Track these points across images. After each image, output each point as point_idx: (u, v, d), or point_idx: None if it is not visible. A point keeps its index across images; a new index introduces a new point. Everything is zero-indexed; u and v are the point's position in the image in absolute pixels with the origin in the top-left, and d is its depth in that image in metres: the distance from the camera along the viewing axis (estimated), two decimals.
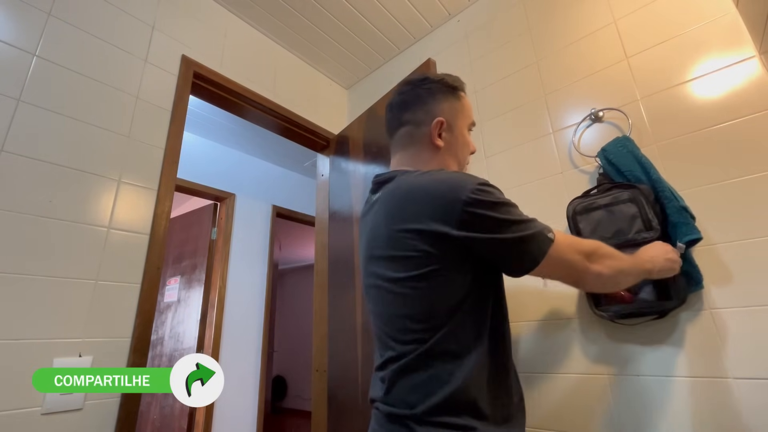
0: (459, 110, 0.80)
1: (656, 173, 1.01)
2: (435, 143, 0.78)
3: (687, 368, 0.95)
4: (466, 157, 0.83)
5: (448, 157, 0.79)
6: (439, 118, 0.78)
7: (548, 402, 1.15)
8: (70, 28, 1.19)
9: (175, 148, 1.34)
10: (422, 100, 0.80)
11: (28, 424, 0.90)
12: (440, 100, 0.79)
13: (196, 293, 2.61)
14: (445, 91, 0.80)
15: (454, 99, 0.80)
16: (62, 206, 1.06)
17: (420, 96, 0.80)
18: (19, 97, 1.04)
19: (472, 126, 0.84)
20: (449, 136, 0.79)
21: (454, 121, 0.79)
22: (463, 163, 0.82)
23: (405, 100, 0.82)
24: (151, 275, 1.18)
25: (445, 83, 0.80)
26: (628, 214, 0.96)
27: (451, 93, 0.80)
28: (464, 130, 0.81)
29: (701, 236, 0.92)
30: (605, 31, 1.27)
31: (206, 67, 1.54)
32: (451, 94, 0.80)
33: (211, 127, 2.77)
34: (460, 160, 0.81)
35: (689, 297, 0.96)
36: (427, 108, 0.79)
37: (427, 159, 0.79)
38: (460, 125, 0.80)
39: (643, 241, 0.87)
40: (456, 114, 0.80)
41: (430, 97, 0.79)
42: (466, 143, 0.82)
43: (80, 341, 1.02)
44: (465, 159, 0.83)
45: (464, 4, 1.73)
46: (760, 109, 0.96)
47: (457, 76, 0.83)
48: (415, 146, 0.80)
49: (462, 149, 0.81)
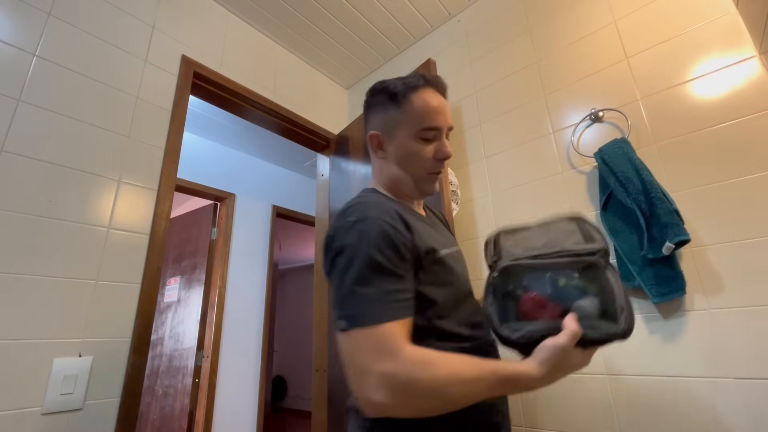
0: (400, 119, 0.71)
1: (649, 175, 1.02)
2: (377, 156, 0.77)
3: (687, 368, 0.95)
4: (421, 167, 0.72)
5: (394, 170, 0.74)
6: (370, 133, 0.75)
7: (548, 402, 1.15)
8: (70, 28, 1.19)
9: (175, 148, 1.34)
10: (365, 113, 0.79)
11: (28, 424, 0.90)
12: (376, 112, 0.76)
13: (196, 293, 2.61)
14: (383, 102, 0.74)
15: (394, 108, 0.72)
16: (62, 206, 1.06)
17: (365, 108, 0.79)
18: (19, 97, 1.04)
19: (429, 131, 0.71)
20: (392, 148, 0.74)
21: (394, 132, 0.72)
22: (418, 173, 0.73)
23: (363, 111, 0.81)
24: (151, 275, 1.18)
25: (386, 92, 0.73)
26: (565, 229, 0.71)
27: (391, 102, 0.72)
28: (409, 140, 0.71)
29: (689, 238, 0.93)
30: (605, 31, 1.27)
31: (206, 67, 1.54)
32: (391, 104, 0.72)
33: (211, 127, 2.77)
34: (412, 171, 0.73)
35: (679, 300, 0.98)
36: (367, 121, 0.78)
37: (377, 172, 0.78)
38: (401, 135, 0.72)
39: (583, 253, 0.61)
40: (396, 124, 0.72)
41: (368, 109, 0.78)
42: (413, 153, 0.71)
43: (80, 341, 1.02)
44: (420, 169, 0.73)
45: (464, 4, 1.73)
46: (760, 109, 0.96)
47: (422, 74, 0.74)
48: (372, 160, 0.80)
49: (410, 160, 0.72)
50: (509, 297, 0.63)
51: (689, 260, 0.99)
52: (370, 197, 0.70)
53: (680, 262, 0.99)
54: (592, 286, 0.59)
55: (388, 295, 0.54)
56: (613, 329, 0.53)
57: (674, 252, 0.97)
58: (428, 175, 0.73)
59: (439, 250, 0.66)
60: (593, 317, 0.55)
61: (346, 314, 0.53)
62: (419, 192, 0.75)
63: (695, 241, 0.99)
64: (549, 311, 0.59)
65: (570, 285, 0.59)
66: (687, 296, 0.98)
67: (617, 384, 1.04)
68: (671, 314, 0.99)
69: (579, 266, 0.61)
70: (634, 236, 1.05)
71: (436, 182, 0.75)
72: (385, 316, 0.52)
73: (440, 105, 0.72)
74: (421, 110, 0.71)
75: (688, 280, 0.97)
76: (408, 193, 0.75)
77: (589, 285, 0.59)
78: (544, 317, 0.58)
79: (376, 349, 0.50)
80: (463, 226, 1.48)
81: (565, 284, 0.60)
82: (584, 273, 0.60)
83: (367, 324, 0.51)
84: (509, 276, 0.64)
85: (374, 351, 0.50)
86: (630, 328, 0.53)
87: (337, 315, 0.54)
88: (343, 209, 0.65)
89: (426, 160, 0.72)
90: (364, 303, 0.53)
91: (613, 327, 0.53)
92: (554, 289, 0.60)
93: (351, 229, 0.59)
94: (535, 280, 0.63)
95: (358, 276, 0.55)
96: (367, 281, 0.54)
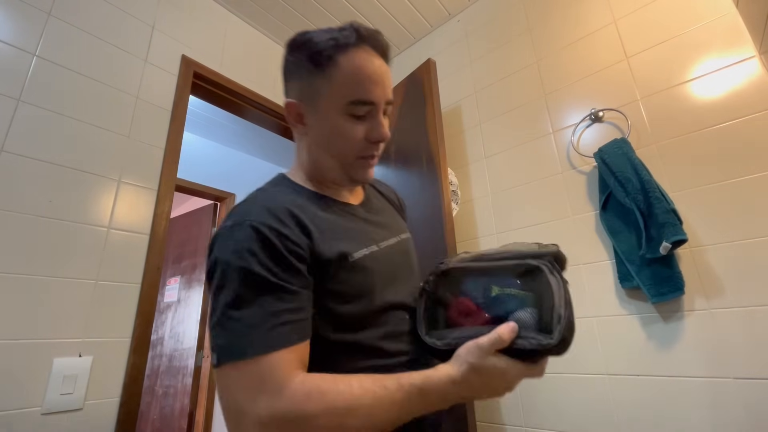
0: (323, 88, 0.55)
1: (647, 175, 1.02)
2: (296, 131, 0.62)
3: (687, 368, 0.95)
4: (349, 150, 0.58)
5: (316, 151, 0.60)
6: (287, 102, 0.59)
7: (548, 402, 1.15)
8: (70, 28, 1.19)
9: (175, 148, 1.34)
10: (283, 75, 0.62)
11: (28, 424, 0.90)
12: (294, 75, 0.59)
13: (196, 293, 2.61)
14: (305, 65, 0.56)
15: (316, 72, 0.55)
16: (62, 206, 1.06)
17: (283, 69, 0.62)
18: (19, 97, 1.04)
19: (361, 106, 0.55)
20: (314, 123, 0.58)
21: (316, 103, 0.57)
22: (346, 157, 0.58)
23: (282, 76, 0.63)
24: (151, 275, 1.18)
25: (308, 49, 0.56)
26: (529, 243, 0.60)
27: (312, 64, 0.55)
28: (335, 115, 0.56)
29: (686, 238, 0.93)
30: (605, 31, 1.27)
31: (206, 67, 1.54)
32: (313, 66, 0.55)
33: (211, 127, 2.77)
34: (338, 154, 0.58)
35: (678, 300, 0.98)
36: (286, 88, 0.61)
37: (297, 151, 0.65)
38: (324, 108, 0.56)
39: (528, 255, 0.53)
40: (318, 93, 0.56)
41: (287, 73, 0.61)
42: (339, 132, 0.56)
43: (80, 341, 1.02)
44: (348, 152, 0.58)
45: (464, 4, 1.73)
46: (760, 109, 0.96)
47: (356, 27, 0.56)
48: (293, 135, 0.66)
49: (335, 140, 0.57)
50: (441, 303, 0.56)
51: (689, 260, 0.99)
52: (263, 193, 0.58)
53: (679, 263, 0.99)
54: (530, 293, 0.51)
55: (272, 317, 0.44)
56: (545, 341, 0.45)
57: (673, 252, 0.97)
58: (358, 160, 0.59)
59: (352, 254, 0.53)
60: (529, 328, 0.48)
61: (218, 345, 0.43)
62: (349, 179, 0.61)
63: (695, 241, 0.99)
64: (480, 318, 0.52)
65: (504, 293, 0.52)
66: (687, 296, 0.98)
67: (617, 384, 1.04)
68: (670, 314, 0.99)
69: (520, 270, 0.53)
70: (632, 236, 1.05)
71: (371, 168, 0.61)
72: (265, 345, 0.42)
73: (377, 72, 0.55)
74: (352, 78, 0.54)
75: (688, 280, 0.97)
76: (335, 180, 0.62)
77: (527, 292, 0.51)
78: (474, 324, 0.51)
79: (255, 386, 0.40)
80: (463, 226, 1.48)
81: (499, 292, 0.53)
82: (525, 278, 0.53)
83: (241, 357, 0.41)
84: (446, 280, 0.57)
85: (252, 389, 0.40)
86: (565, 340, 0.45)
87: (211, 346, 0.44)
88: (232, 208, 0.54)
89: (355, 141, 0.57)
90: (240, 330, 0.43)
91: (546, 339, 0.45)
92: (486, 296, 0.53)
93: (227, 238, 0.48)
94: (472, 285, 0.56)
95: (233, 296, 0.44)
96: (243, 302, 0.44)
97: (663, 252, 0.93)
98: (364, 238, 0.58)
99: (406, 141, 1.51)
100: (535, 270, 0.51)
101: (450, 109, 1.65)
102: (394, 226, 0.68)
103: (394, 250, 0.62)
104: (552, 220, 1.26)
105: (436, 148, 1.36)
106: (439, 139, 1.37)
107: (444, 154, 1.37)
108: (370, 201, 0.70)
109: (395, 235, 0.65)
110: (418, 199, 1.40)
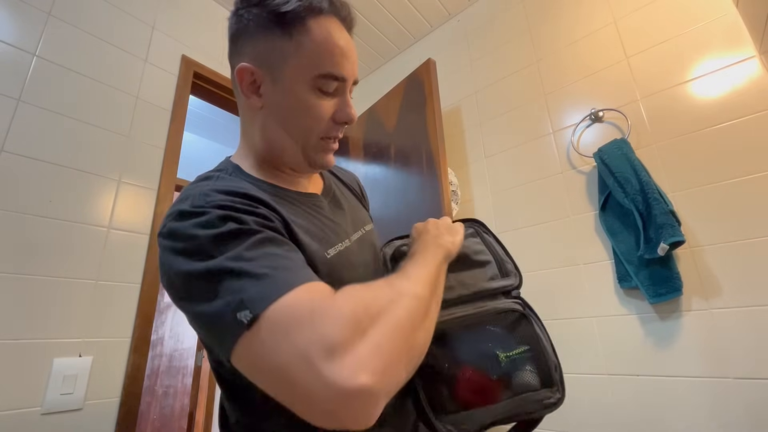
0: (290, 54, 0.48)
1: (646, 176, 1.02)
2: (248, 104, 0.52)
3: (687, 368, 0.95)
4: (313, 129, 0.51)
5: (275, 129, 0.52)
6: (241, 66, 0.49)
7: None
8: (70, 28, 1.19)
9: (175, 148, 1.35)
10: (232, 33, 0.52)
11: (28, 424, 0.90)
12: (252, 34, 0.49)
13: None
14: (264, 22, 0.48)
15: (281, 34, 0.48)
16: (62, 206, 1.06)
17: (232, 24, 0.52)
18: (19, 97, 1.04)
19: (332, 81, 0.49)
20: (274, 94, 0.50)
21: (279, 70, 0.48)
22: (308, 137, 0.52)
23: (229, 34, 0.53)
24: (151, 275, 1.18)
25: (273, 7, 0.47)
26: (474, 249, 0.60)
27: (277, 25, 0.47)
28: (301, 87, 0.49)
29: (684, 239, 0.93)
30: (605, 31, 1.27)
31: (206, 67, 1.54)
32: (277, 27, 0.48)
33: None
34: (300, 133, 0.51)
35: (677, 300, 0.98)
36: (235, 46, 0.52)
37: (248, 130, 0.55)
38: (289, 77, 0.48)
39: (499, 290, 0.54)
40: (284, 59, 0.48)
41: (239, 30, 0.51)
42: (305, 107, 0.49)
43: (80, 341, 1.02)
44: (312, 131, 0.51)
45: (464, 4, 1.73)
46: (760, 109, 0.96)
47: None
48: (240, 109, 0.56)
49: (299, 116, 0.50)
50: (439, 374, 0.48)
51: (688, 260, 0.99)
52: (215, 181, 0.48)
53: (678, 263, 0.99)
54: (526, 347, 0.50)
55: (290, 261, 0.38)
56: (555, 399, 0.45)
57: (672, 253, 0.97)
58: (320, 141, 0.52)
59: (327, 251, 0.50)
60: (537, 389, 0.48)
61: (248, 297, 0.33)
62: (308, 164, 0.54)
63: (694, 242, 0.99)
64: (495, 395, 0.47)
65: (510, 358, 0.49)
66: (686, 296, 0.98)
67: (617, 384, 1.04)
68: (669, 315, 0.99)
69: (512, 319, 0.52)
70: (631, 237, 1.05)
71: (331, 152, 0.55)
72: (298, 276, 0.36)
73: (348, 46, 0.50)
74: (324, 47, 0.48)
75: (687, 280, 0.97)
76: (292, 165, 0.55)
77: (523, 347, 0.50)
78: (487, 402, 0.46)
79: (313, 316, 0.32)
80: None
81: (506, 359, 0.49)
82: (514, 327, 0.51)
83: (288, 289, 0.33)
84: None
85: (312, 320, 0.31)
86: (564, 385, 0.49)
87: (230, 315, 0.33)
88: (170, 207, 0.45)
89: (322, 120, 0.50)
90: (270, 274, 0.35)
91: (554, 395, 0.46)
92: (495, 365, 0.48)
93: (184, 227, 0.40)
94: (471, 347, 0.49)
95: (234, 255, 0.36)
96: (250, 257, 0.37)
97: (660, 253, 0.94)
98: (333, 234, 0.54)
99: (406, 141, 1.51)
100: (520, 317, 0.53)
101: (450, 109, 1.65)
102: (359, 217, 0.64)
103: (363, 244, 0.59)
104: (552, 220, 1.26)
105: (436, 148, 1.36)
106: (439, 139, 1.37)
107: (444, 154, 1.37)
108: (332, 191, 0.64)
109: (360, 227, 0.62)
110: (418, 199, 1.40)
